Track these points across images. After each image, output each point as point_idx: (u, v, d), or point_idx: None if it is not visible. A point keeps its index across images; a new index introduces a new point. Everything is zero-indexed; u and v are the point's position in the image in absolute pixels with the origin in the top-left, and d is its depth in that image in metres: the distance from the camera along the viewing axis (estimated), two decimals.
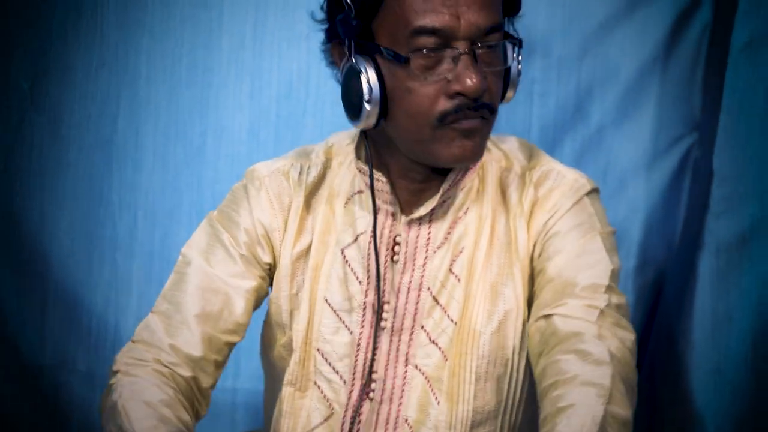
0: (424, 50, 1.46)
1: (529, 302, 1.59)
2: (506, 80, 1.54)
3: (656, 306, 2.10)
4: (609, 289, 1.52)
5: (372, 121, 1.51)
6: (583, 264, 1.54)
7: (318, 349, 1.60)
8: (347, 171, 1.64)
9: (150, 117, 2.10)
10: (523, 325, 1.58)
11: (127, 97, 2.09)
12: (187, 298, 1.57)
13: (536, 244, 1.59)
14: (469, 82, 1.45)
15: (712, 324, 1.91)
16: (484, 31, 1.47)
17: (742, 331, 1.88)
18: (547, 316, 1.51)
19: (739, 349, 1.88)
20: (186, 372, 1.54)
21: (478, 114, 1.48)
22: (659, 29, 2.03)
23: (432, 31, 1.45)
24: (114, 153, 2.12)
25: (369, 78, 1.48)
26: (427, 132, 1.49)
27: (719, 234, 1.91)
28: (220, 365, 1.59)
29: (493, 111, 1.51)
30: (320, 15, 1.57)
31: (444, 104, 1.47)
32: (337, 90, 1.56)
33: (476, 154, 1.52)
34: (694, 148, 2.06)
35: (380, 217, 1.61)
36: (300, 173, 1.65)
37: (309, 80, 2.07)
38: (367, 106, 1.49)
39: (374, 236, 1.58)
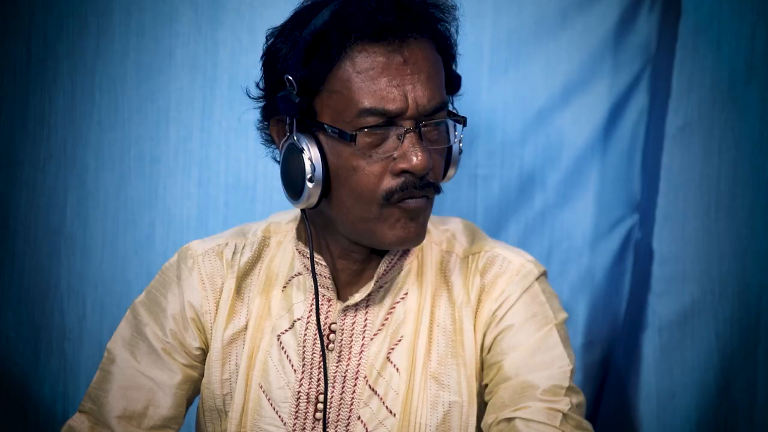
0: (370, 128, 1.44)
1: (479, 390, 1.57)
2: (447, 158, 1.54)
3: (603, 384, 2.11)
4: (569, 390, 1.52)
5: (314, 200, 1.49)
6: (541, 363, 1.53)
7: None
8: (286, 251, 1.61)
9: (98, 207, 2.08)
10: (469, 417, 1.55)
11: (75, 188, 2.07)
12: (109, 399, 1.56)
13: (486, 334, 1.57)
14: (415, 159, 1.44)
15: (657, 401, 1.94)
16: (431, 110, 1.47)
17: (686, 408, 1.91)
18: (509, 420, 1.50)
19: (684, 425, 1.91)
20: None
21: (423, 193, 1.48)
22: (598, 114, 2.07)
23: (380, 112, 1.44)
24: (62, 243, 2.10)
25: (312, 156, 1.46)
26: (373, 211, 1.47)
27: (661, 312, 1.95)
28: None
29: (437, 190, 1.51)
30: (256, 92, 1.56)
31: (390, 182, 1.46)
32: None
33: (419, 236, 1.51)
34: (634, 229, 2.09)
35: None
36: (234, 253, 1.62)
37: (257, 168, 2.07)
38: (309, 185, 1.47)
39: (318, 324, 1.54)
